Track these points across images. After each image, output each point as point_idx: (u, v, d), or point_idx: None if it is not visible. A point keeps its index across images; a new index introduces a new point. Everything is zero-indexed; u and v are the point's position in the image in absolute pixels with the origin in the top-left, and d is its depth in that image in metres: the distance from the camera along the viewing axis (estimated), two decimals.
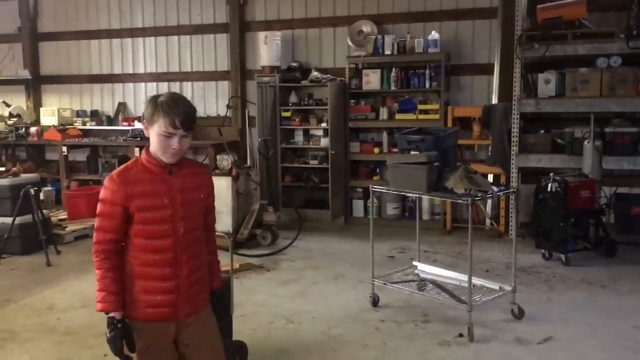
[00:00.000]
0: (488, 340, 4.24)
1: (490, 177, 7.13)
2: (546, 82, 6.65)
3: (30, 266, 6.10)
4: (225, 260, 2.84)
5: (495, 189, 4.55)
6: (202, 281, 2.56)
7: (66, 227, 7.24)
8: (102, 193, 2.41)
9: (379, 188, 4.87)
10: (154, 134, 2.37)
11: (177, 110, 2.34)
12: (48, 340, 4.27)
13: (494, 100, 7.33)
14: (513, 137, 6.74)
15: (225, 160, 6.64)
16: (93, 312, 4.82)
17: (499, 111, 6.94)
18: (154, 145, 2.39)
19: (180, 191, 2.44)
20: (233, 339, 3.68)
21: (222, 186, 6.57)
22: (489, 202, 7.19)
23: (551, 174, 6.02)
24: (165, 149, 2.38)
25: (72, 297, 5.17)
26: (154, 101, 2.38)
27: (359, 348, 4.08)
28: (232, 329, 3.69)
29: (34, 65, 9.73)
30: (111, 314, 2.40)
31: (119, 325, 2.40)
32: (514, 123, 6.72)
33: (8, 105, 9.42)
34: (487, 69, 7.49)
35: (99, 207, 2.42)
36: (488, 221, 7.34)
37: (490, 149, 7.16)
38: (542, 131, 6.90)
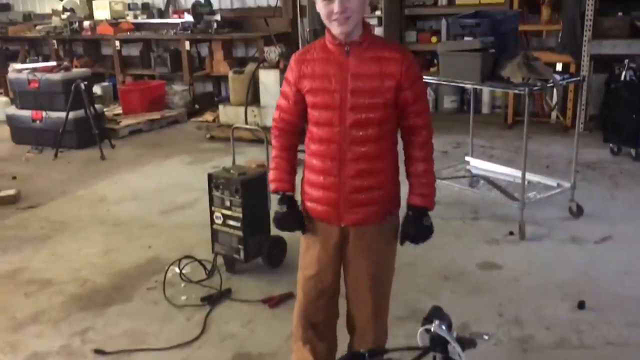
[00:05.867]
0: (540, 239, 4.02)
1: (559, 66, 6.57)
2: None
3: (85, 159, 6.25)
4: (261, 156, 2.47)
5: (557, 77, 4.12)
6: (378, 190, 2.15)
7: (120, 122, 7.32)
8: (286, 71, 2.23)
9: (429, 79, 4.53)
10: (317, 2, 2.02)
11: None
12: (97, 231, 4.39)
13: None
14: (587, 20, 6.09)
15: (272, 52, 6.38)
16: (141, 204, 4.98)
17: None
18: (322, 16, 2.04)
19: (353, 76, 2.06)
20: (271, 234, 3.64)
21: (270, 79, 6.38)
22: (555, 92, 6.68)
23: (626, 61, 5.45)
24: (328, 17, 2.01)
25: (123, 190, 5.27)
26: None
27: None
28: (270, 224, 3.63)
29: None
30: (281, 192, 2.23)
31: (289, 204, 2.23)
32: (588, 4, 6.04)
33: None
34: None
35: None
36: (554, 114, 6.86)
37: (560, 34, 6.54)
38: (620, 13, 6.19)
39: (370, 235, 2.21)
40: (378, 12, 7.30)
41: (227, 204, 3.57)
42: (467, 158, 4.96)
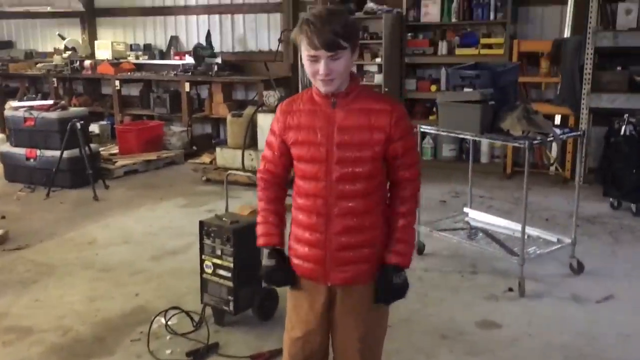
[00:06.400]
0: (540, 296, 3.89)
1: (558, 118, 6.57)
2: (627, 12, 5.96)
3: (77, 200, 6.15)
4: (256, 201, 2.33)
5: (557, 131, 4.07)
6: (367, 247, 2.07)
7: (116, 161, 7.25)
8: (272, 121, 2.17)
9: (428, 128, 4.49)
10: (303, 58, 1.97)
11: (319, 26, 1.87)
12: (84, 276, 4.26)
13: (567, 34, 6.65)
14: (585, 74, 6.10)
15: (271, 97, 6.36)
16: (131, 248, 4.86)
17: (572, 45, 6.28)
18: (306, 71, 2.00)
19: (340, 129, 1.99)
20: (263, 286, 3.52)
21: (268, 123, 6.27)
22: (554, 145, 6.65)
23: (625, 115, 5.44)
24: (313, 75, 1.95)
25: (114, 233, 5.16)
26: (301, 17, 1.96)
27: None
28: None
29: None
30: (270, 247, 2.15)
31: (278, 258, 2.14)
32: (587, 58, 6.07)
33: (63, 38, 9.41)
34: None
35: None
36: (547, 161, 6.81)
37: (559, 87, 6.55)
38: (619, 68, 6.21)
39: (359, 295, 2.11)
40: (378, 60, 7.34)
41: (218, 252, 3.46)
42: (465, 209, 4.87)
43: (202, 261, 3.54)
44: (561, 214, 5.49)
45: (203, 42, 8.53)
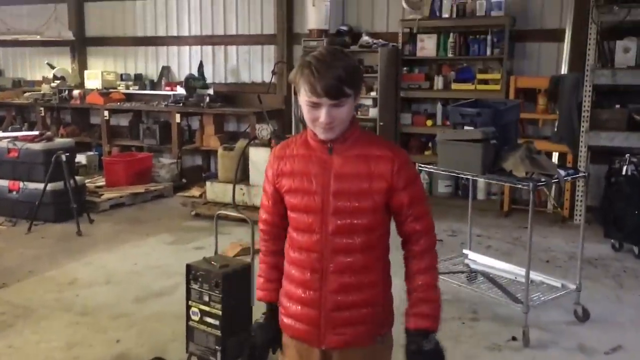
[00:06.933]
0: (545, 346, 3.69)
1: (556, 156, 6.45)
2: (625, 50, 5.88)
3: (60, 235, 5.90)
4: (247, 238, 2.23)
5: (562, 172, 3.93)
6: (366, 307, 1.88)
7: (102, 194, 7.02)
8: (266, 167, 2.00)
9: (426, 167, 4.32)
10: (301, 101, 1.81)
11: (322, 72, 1.72)
12: (62, 320, 4.00)
13: (564, 71, 6.59)
14: (584, 111, 6.02)
15: (264, 130, 6.21)
16: (114, 289, 4.60)
17: (569, 82, 6.21)
18: (305, 116, 1.84)
19: (336, 176, 1.83)
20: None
21: (260, 157, 6.16)
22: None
23: (627, 155, 5.32)
24: (312, 121, 1.80)
25: (97, 271, 4.91)
26: (301, 59, 1.81)
27: (395, 348, 3.62)
28: (251, 321, 3.29)
29: (79, 26, 9.51)
30: (268, 303, 2.04)
31: (269, 315, 2.02)
32: (585, 96, 5.99)
33: (52, 67, 9.27)
34: (557, 35, 6.71)
35: None
36: (551, 204, 6.67)
37: (556, 124, 6.45)
38: (617, 106, 6.13)
39: (357, 359, 1.93)
40: (373, 94, 7.23)
41: (206, 298, 3.25)
42: (465, 251, 4.69)
43: (188, 307, 3.32)
44: (562, 255, 5.33)
45: (195, 72, 8.41)
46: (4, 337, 3.76)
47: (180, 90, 8.39)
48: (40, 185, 6.07)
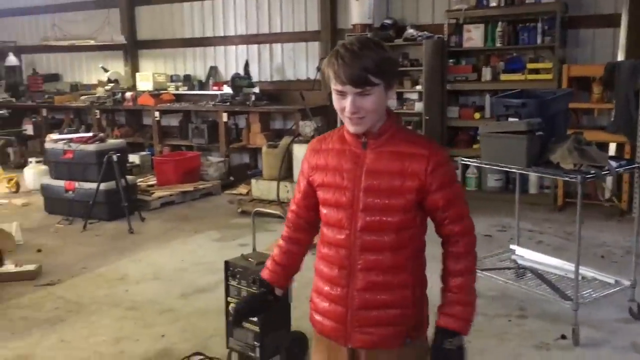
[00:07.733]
0: (597, 345, 3.53)
1: (613, 147, 6.18)
2: None
3: (113, 233, 6.08)
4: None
5: (613, 164, 3.74)
6: (395, 308, 1.82)
7: (153, 193, 7.20)
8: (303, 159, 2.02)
9: (468, 160, 4.21)
10: (332, 91, 1.78)
11: (347, 60, 1.68)
12: (111, 315, 4.12)
13: (620, 57, 6.29)
14: None
15: (307, 127, 6.20)
16: (161, 285, 4.70)
17: (626, 69, 5.92)
18: (335, 106, 1.82)
19: (368, 172, 1.79)
20: (292, 329, 3.29)
21: (303, 154, 6.13)
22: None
23: None
24: (340, 111, 1.77)
25: (146, 268, 5.04)
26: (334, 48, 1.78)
27: None
28: (290, 318, 3.29)
29: (131, 30, 9.79)
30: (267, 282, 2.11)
31: (259, 290, 2.14)
32: None
33: (106, 71, 9.57)
34: (612, 21, 6.43)
35: None
36: (604, 197, 6.39)
37: (613, 113, 6.17)
38: None
39: (391, 358, 1.87)
40: (419, 87, 7.12)
41: (244, 295, 3.26)
42: (512, 246, 4.54)
43: (227, 304, 3.34)
44: (618, 250, 5.10)
45: (241, 71, 8.50)
46: (56, 330, 3.90)
47: (227, 90, 8.50)
48: (94, 185, 6.27)
